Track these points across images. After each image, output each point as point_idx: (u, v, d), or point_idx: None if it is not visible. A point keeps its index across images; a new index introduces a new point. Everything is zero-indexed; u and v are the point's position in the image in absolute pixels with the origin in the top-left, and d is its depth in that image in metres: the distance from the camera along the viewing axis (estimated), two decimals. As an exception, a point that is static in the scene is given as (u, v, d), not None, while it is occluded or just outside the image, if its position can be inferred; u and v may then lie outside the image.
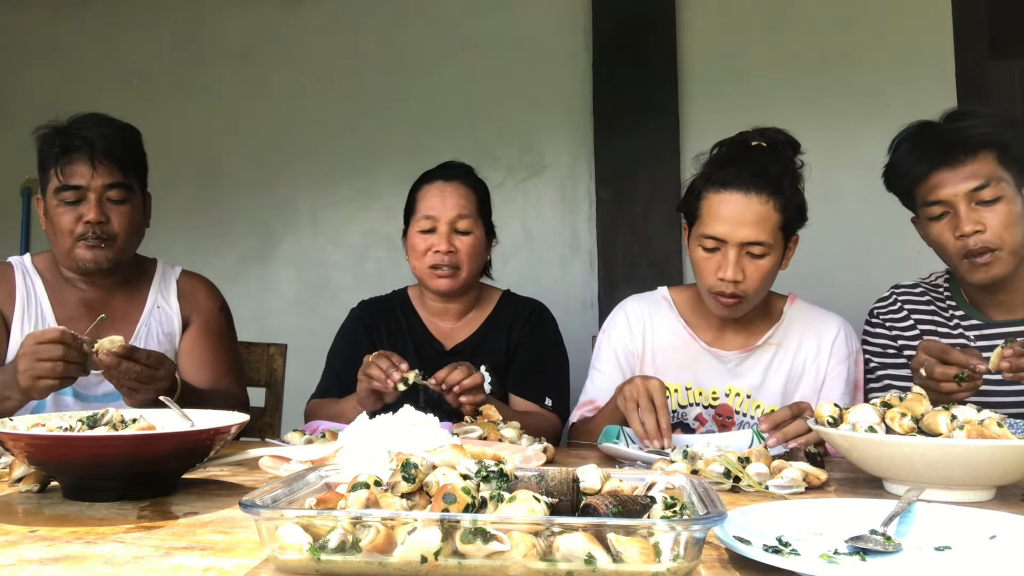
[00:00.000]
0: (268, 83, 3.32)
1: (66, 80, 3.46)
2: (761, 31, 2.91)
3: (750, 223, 1.74)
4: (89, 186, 1.85)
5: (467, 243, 2.06)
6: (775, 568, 0.81)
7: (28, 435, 1.14)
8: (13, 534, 0.97)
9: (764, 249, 1.76)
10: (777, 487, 1.24)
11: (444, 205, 2.05)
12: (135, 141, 1.96)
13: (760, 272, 1.77)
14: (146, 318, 2.00)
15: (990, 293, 1.80)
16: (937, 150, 1.73)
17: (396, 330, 2.17)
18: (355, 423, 1.38)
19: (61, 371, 1.52)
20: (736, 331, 1.93)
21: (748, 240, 1.74)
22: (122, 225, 1.89)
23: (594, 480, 0.89)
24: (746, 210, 1.74)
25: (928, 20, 2.76)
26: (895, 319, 1.90)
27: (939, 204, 1.74)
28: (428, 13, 3.19)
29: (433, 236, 2.05)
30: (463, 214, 2.05)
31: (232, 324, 2.14)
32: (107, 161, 1.86)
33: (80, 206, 1.85)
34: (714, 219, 1.77)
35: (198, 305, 2.06)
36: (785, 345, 1.91)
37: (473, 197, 2.10)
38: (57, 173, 1.85)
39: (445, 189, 2.08)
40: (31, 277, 1.95)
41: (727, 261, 1.75)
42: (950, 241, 1.73)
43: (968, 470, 1.14)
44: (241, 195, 3.33)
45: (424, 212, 2.07)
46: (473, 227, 2.07)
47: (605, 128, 2.97)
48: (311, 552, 0.77)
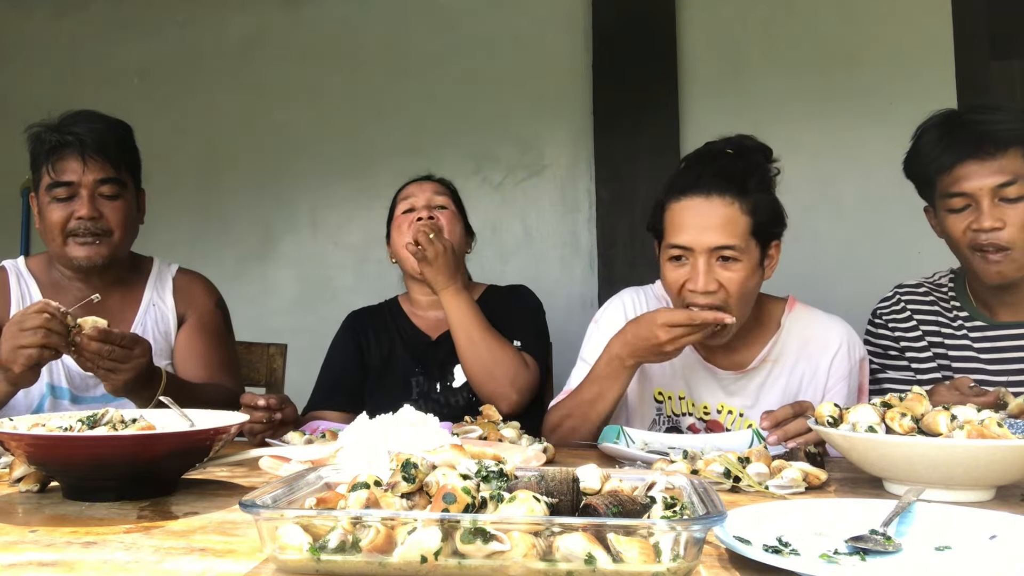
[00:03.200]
0: (268, 83, 3.32)
1: (66, 80, 3.47)
2: (761, 31, 2.91)
3: (715, 227, 1.63)
4: (81, 182, 1.83)
5: (448, 215, 2.12)
6: (775, 568, 0.81)
7: (28, 435, 1.14)
8: (13, 534, 0.97)
9: (735, 253, 1.64)
10: (777, 487, 1.24)
11: (421, 190, 2.16)
12: (127, 137, 1.94)
13: (735, 281, 1.64)
14: (141, 317, 1.99)
15: (999, 293, 1.79)
16: (966, 141, 1.70)
17: (384, 331, 2.22)
18: (355, 423, 1.37)
19: (42, 338, 1.48)
20: (730, 347, 1.79)
21: (715, 244, 1.63)
22: (116, 220, 1.87)
23: (594, 480, 0.89)
24: (709, 213, 1.64)
25: (928, 20, 2.76)
26: (898, 319, 1.89)
27: (962, 196, 1.71)
28: (428, 13, 3.19)
29: (413, 214, 2.12)
30: (440, 192, 2.17)
31: (228, 320, 2.13)
32: (98, 156, 1.84)
33: (72, 202, 1.84)
34: (677, 228, 1.67)
35: (194, 302, 2.05)
36: (782, 362, 1.80)
37: (449, 195, 2.19)
38: (48, 170, 1.83)
39: (422, 184, 2.19)
40: (25, 280, 1.95)
41: (697, 271, 1.64)
42: (965, 234, 1.71)
43: (968, 470, 1.14)
44: (241, 195, 3.34)
45: (404, 203, 2.16)
46: (451, 205, 2.15)
47: (605, 128, 2.97)
48: (311, 552, 0.77)
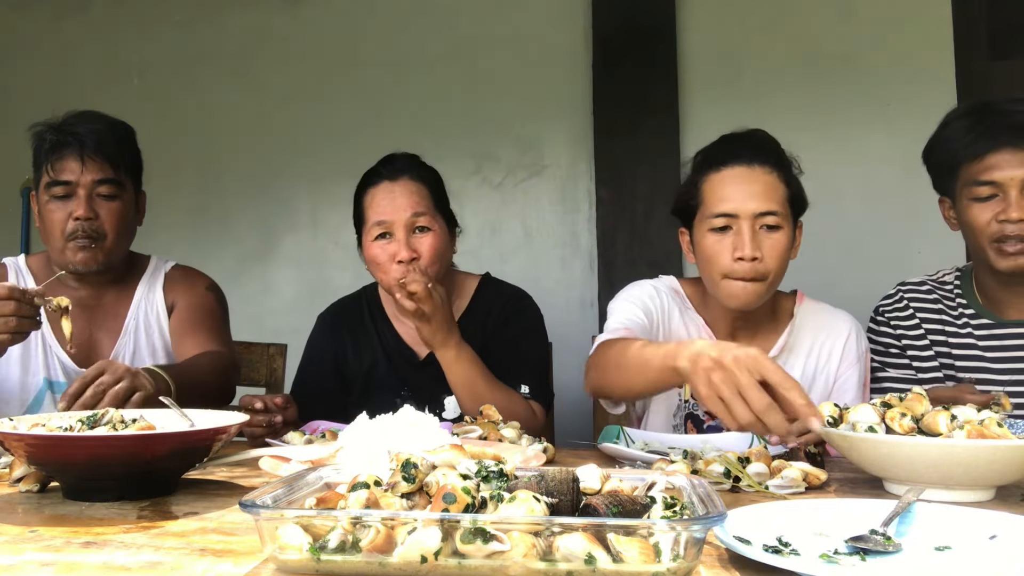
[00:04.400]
0: (268, 83, 3.32)
1: (66, 80, 3.47)
2: (761, 31, 2.91)
3: (759, 194, 1.68)
4: (79, 182, 1.84)
5: (428, 242, 1.86)
6: (775, 568, 0.81)
7: (28, 435, 1.14)
8: (13, 534, 0.97)
9: (778, 220, 1.68)
10: (777, 487, 1.24)
11: (395, 206, 1.86)
12: (128, 138, 1.95)
13: (777, 249, 1.69)
14: (133, 311, 2.01)
15: (1009, 289, 1.78)
16: (1002, 130, 1.68)
17: (364, 339, 2.02)
18: (355, 423, 1.37)
19: (15, 325, 1.54)
20: (748, 333, 1.84)
21: (761, 210, 1.68)
22: (111, 223, 1.88)
23: (594, 480, 0.89)
24: (752, 180, 1.69)
25: (928, 20, 2.75)
26: (900, 318, 1.89)
27: (990, 185, 1.69)
28: (428, 13, 3.19)
29: (391, 244, 1.86)
30: (418, 211, 1.86)
31: (223, 301, 2.11)
32: (97, 157, 1.85)
33: (70, 202, 1.85)
34: (720, 197, 1.70)
35: (183, 291, 2.06)
36: (797, 349, 1.85)
37: (425, 191, 1.91)
38: (48, 169, 1.85)
39: (394, 190, 1.89)
40: (24, 278, 1.97)
41: (743, 238, 1.67)
42: (987, 223, 1.70)
43: (968, 470, 1.14)
44: (241, 195, 3.34)
45: (376, 218, 1.88)
46: (432, 223, 1.88)
47: (605, 128, 2.97)
48: (311, 552, 0.77)
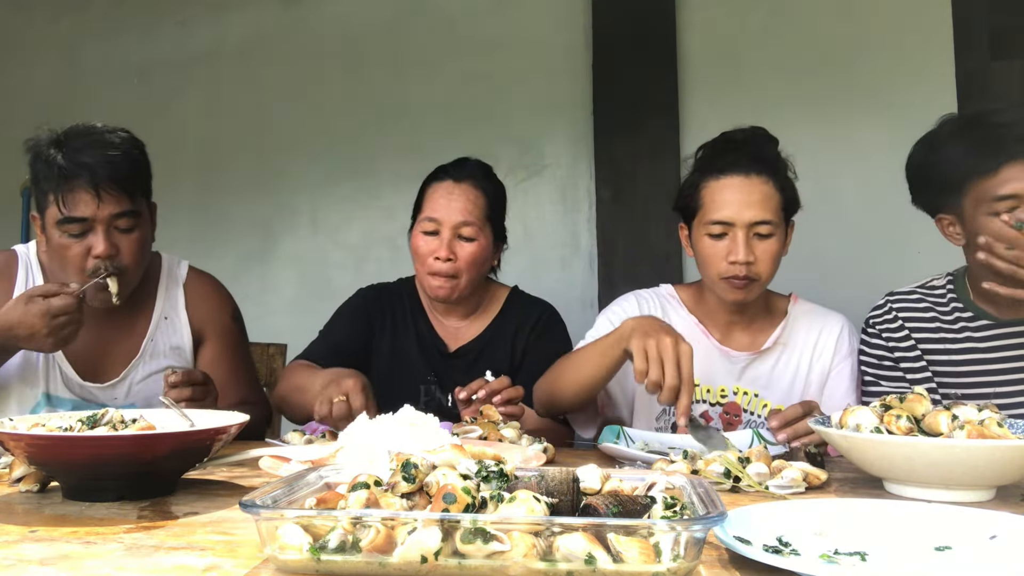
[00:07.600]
0: (268, 83, 3.32)
1: (66, 80, 3.47)
2: (761, 31, 2.91)
3: (755, 203, 1.78)
4: (95, 217, 1.71)
5: (468, 251, 1.96)
6: (775, 568, 0.81)
7: (28, 435, 1.14)
8: (13, 534, 0.97)
9: (771, 228, 1.79)
10: (777, 487, 1.24)
11: (449, 208, 1.96)
12: (140, 159, 1.81)
13: (768, 253, 1.79)
14: (152, 332, 1.92)
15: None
16: (1012, 141, 1.63)
17: (402, 325, 2.10)
18: (355, 423, 1.37)
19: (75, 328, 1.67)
20: (743, 330, 1.92)
21: (755, 220, 1.78)
22: (131, 254, 1.77)
23: (594, 480, 0.89)
24: (750, 191, 1.78)
25: (928, 20, 2.75)
26: (890, 330, 1.85)
27: (1011, 199, 1.62)
28: (428, 13, 3.19)
29: (435, 240, 1.97)
30: (468, 220, 1.95)
31: (244, 330, 2.10)
32: (113, 189, 1.71)
33: (86, 238, 1.72)
34: (719, 205, 1.80)
35: (211, 317, 1.98)
36: (791, 344, 1.92)
37: (482, 201, 1.99)
38: (59, 203, 1.70)
39: (453, 191, 1.97)
40: (33, 271, 1.90)
41: (737, 244, 1.78)
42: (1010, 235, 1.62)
43: (968, 470, 1.14)
44: (241, 195, 3.34)
45: (428, 213, 1.98)
46: (478, 234, 1.97)
47: (605, 128, 2.97)
48: (311, 552, 0.77)
